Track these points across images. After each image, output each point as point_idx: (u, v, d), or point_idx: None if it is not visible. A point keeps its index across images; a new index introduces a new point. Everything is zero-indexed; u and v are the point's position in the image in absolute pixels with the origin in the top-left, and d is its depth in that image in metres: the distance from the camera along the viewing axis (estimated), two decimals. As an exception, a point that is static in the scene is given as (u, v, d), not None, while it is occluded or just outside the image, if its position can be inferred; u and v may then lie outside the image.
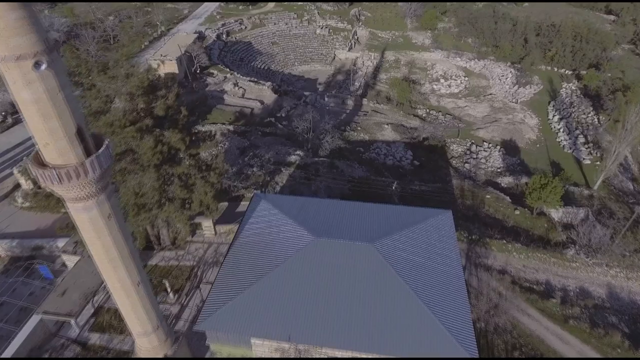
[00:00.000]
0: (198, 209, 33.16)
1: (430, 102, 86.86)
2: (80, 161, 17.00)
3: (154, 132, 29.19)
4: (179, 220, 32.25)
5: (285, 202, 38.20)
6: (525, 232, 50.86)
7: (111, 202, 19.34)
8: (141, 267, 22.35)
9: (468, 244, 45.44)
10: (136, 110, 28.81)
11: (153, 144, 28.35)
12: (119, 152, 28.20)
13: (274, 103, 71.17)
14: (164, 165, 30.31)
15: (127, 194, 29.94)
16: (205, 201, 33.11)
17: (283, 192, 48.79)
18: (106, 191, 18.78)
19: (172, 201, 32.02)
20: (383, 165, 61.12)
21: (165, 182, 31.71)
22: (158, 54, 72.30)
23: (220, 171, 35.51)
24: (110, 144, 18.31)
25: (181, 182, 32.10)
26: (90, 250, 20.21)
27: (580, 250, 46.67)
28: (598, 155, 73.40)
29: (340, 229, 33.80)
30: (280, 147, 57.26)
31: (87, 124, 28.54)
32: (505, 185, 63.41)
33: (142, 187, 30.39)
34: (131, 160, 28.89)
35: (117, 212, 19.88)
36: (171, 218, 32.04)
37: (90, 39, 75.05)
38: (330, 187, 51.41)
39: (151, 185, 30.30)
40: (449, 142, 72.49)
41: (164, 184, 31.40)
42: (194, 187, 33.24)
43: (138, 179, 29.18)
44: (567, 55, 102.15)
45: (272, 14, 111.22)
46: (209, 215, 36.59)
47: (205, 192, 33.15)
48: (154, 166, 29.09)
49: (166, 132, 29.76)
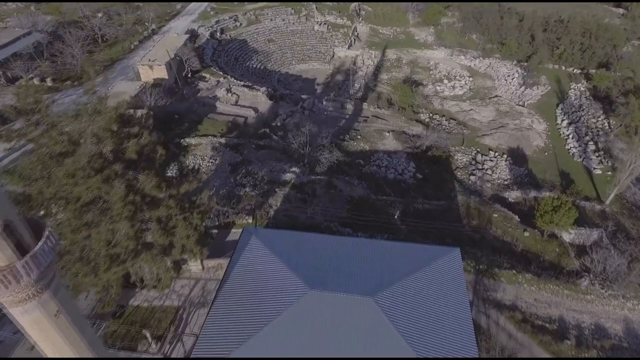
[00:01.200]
0: (180, 256, 29.90)
1: (433, 106, 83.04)
2: (11, 264, 13.70)
3: (125, 175, 25.79)
4: (159, 267, 29.01)
5: (277, 239, 34.95)
6: (535, 257, 47.74)
7: (59, 296, 16.06)
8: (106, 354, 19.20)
9: (475, 274, 42.35)
10: (103, 155, 25.38)
11: (124, 193, 24.99)
12: (84, 202, 24.85)
13: (269, 110, 67.46)
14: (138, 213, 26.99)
15: (97, 243, 26.67)
16: (188, 246, 29.83)
17: (277, 216, 45.49)
18: (51, 287, 15.50)
19: (149, 248, 28.75)
20: (384, 180, 57.72)
21: (141, 228, 28.40)
22: (146, 58, 68.27)
23: (205, 208, 32.15)
24: (53, 234, 14.97)
25: (160, 225, 28.80)
26: (39, 349, 17.03)
27: (595, 280, 43.60)
28: (609, 164, 69.92)
29: (338, 276, 30.60)
30: (275, 163, 53.81)
31: (47, 169, 25.29)
32: (513, 200, 60.11)
33: (116, 233, 27.10)
34: (99, 210, 25.58)
35: (68, 305, 16.62)
36: (150, 266, 28.82)
37: (75, 41, 70.80)
38: (327, 209, 48.12)
39: (125, 233, 27.01)
40: (453, 151, 68.96)
41: (140, 231, 28.10)
42: (175, 229, 29.94)
43: (110, 227, 25.88)
44: (575, 54, 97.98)
45: (268, 10, 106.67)
46: (193, 259, 33.40)
47: (188, 235, 29.86)
48: (127, 217, 25.80)
49: (140, 175, 26.37)
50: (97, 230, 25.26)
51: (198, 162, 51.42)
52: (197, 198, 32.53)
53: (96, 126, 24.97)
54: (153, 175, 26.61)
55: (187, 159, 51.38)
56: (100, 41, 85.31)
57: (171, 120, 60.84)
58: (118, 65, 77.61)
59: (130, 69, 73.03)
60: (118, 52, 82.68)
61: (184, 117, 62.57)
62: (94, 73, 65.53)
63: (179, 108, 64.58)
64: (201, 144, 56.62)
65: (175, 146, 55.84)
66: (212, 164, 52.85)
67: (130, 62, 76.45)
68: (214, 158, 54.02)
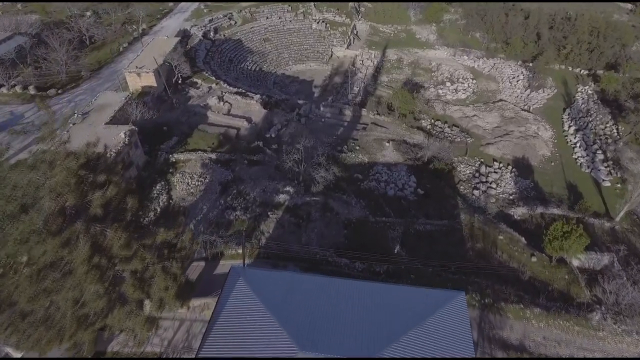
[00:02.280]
0: (157, 311, 27.10)
1: (435, 111, 79.78)
2: None
3: (90, 230, 22.84)
4: (134, 324, 26.24)
5: (267, 282, 32.19)
6: (543, 286, 45.01)
7: None
8: None
9: (480, 309, 39.69)
10: (64, 210, 22.42)
11: (88, 255, 22.13)
12: (41, 266, 21.96)
13: (263, 120, 64.27)
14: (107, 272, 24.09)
15: (64, 304, 23.86)
16: (167, 299, 27.01)
17: (269, 245, 42.64)
18: None
19: (123, 304, 25.97)
20: (383, 198, 54.81)
21: (113, 282, 25.58)
22: (134, 64, 64.79)
23: (187, 253, 29.30)
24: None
25: (135, 278, 25.98)
26: None
27: (607, 314, 40.97)
28: (618, 175, 66.99)
29: (332, 331, 27.88)
30: (268, 182, 50.81)
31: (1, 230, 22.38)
32: (519, 217, 57.28)
33: (84, 292, 24.28)
34: (61, 273, 22.71)
35: None
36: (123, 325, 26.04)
37: (58, 45, 67.24)
38: (323, 234, 45.31)
39: (95, 291, 24.20)
40: (456, 162, 65.94)
41: (111, 286, 25.27)
42: (153, 280, 27.12)
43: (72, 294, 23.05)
44: (583, 54, 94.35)
45: (264, 7, 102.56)
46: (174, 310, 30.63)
47: (167, 286, 27.03)
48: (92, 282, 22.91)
49: (108, 230, 23.46)
50: (59, 297, 22.49)
51: (184, 188, 48.42)
52: (178, 240, 29.63)
53: (53, 181, 22.00)
54: (122, 230, 23.67)
55: (174, 187, 48.30)
56: (88, 43, 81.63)
57: (159, 133, 57.69)
58: (106, 69, 74.14)
59: (118, 74, 69.54)
60: (106, 54, 79.11)
61: (174, 128, 59.39)
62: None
63: (168, 118, 61.37)
64: (190, 159, 53.58)
65: (164, 162, 52.84)
66: (201, 184, 49.91)
67: (119, 67, 72.94)
68: (203, 176, 51.05)
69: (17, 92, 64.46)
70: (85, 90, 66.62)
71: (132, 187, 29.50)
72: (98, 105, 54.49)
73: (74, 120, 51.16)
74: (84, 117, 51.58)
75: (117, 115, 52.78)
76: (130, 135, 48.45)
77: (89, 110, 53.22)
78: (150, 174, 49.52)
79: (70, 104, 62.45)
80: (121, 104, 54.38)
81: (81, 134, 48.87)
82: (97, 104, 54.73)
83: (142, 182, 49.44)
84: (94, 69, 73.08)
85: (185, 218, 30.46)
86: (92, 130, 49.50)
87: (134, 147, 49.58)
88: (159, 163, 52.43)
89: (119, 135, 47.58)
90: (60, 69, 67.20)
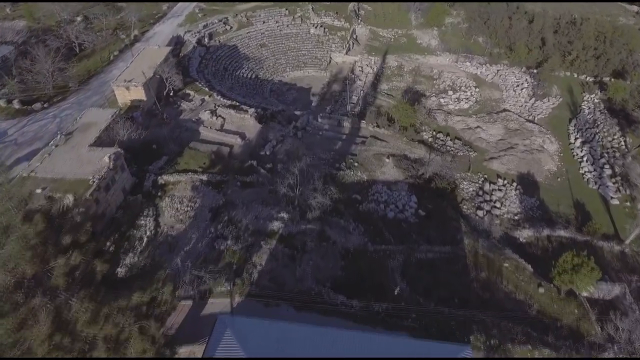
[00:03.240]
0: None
1: (437, 122, 77.05)
2: None
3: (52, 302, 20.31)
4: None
5: (256, 333, 29.79)
6: (552, 321, 42.60)
7: None
8: None
9: (486, 352, 37.26)
10: (20, 285, 19.89)
11: (48, 332, 19.63)
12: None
13: (258, 136, 61.62)
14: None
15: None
16: (144, 363, 24.54)
17: (261, 280, 40.16)
18: None
19: (95, 373, 23.54)
20: (383, 221, 52.29)
21: (83, 349, 23.11)
22: (122, 77, 61.93)
23: (168, 308, 26.79)
24: None
25: (108, 346, 23.51)
26: None
27: (620, 354, 38.62)
28: (627, 193, 64.44)
29: (325, 397, 25.53)
30: (262, 207, 48.23)
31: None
32: (525, 240, 54.85)
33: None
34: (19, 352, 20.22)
35: None
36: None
37: (45, 56, 64.38)
38: (319, 267, 42.81)
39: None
40: (459, 179, 63.33)
41: (81, 354, 22.81)
42: (129, 342, 24.64)
43: None
44: (589, 60, 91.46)
45: (260, 11, 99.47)
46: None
47: (144, 349, 24.55)
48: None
49: (73, 299, 20.92)
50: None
51: (173, 214, 45.89)
52: (157, 293, 27.09)
53: (7, 251, 19.47)
54: (89, 299, 21.14)
55: (162, 212, 45.68)
56: (78, 51, 78.72)
57: (148, 152, 55.11)
58: (95, 80, 71.32)
59: (107, 87, 66.73)
60: (96, 63, 76.27)
61: (163, 146, 56.75)
62: None
63: (158, 135, 58.68)
64: (180, 181, 50.97)
65: (152, 185, 50.25)
66: (190, 209, 47.35)
67: (108, 77, 69.98)
68: (193, 200, 48.49)
69: (1, 107, 61.79)
70: (72, 104, 63.87)
71: (103, 247, 26.89)
72: (83, 124, 51.79)
73: (56, 141, 48.47)
74: (67, 138, 48.90)
75: (102, 135, 50.12)
76: (115, 159, 45.84)
77: (73, 130, 50.55)
78: (136, 200, 46.87)
79: (55, 120, 59.79)
80: (107, 122, 51.71)
81: (63, 157, 46.40)
82: (82, 123, 52.03)
83: (128, 207, 46.92)
84: (82, 80, 70.30)
85: (164, 272, 27.76)
86: (75, 153, 46.93)
87: (119, 171, 46.96)
88: (147, 186, 49.83)
89: (103, 159, 44.94)
90: (46, 81, 64.39)
